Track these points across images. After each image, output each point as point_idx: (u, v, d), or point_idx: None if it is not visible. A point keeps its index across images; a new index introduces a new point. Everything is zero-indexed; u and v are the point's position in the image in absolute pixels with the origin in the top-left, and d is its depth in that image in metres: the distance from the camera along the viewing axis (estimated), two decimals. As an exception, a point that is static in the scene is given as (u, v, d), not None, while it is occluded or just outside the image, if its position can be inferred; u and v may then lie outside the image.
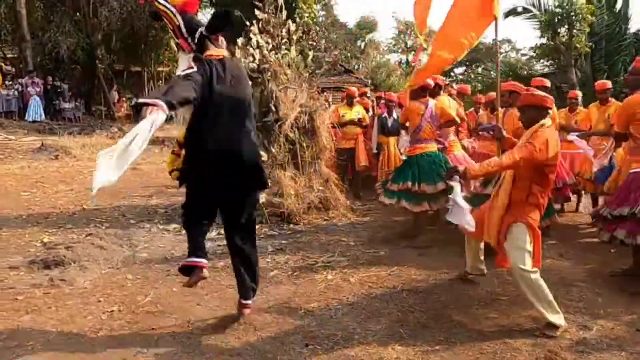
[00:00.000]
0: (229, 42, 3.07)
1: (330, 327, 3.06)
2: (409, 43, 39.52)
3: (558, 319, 3.00)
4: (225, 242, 3.45)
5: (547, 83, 5.43)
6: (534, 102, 3.22)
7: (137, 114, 2.81)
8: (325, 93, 7.16)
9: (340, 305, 3.42)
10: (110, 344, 2.83)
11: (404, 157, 5.40)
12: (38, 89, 16.46)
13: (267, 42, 5.97)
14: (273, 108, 5.85)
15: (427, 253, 4.65)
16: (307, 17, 18.47)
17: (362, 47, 35.08)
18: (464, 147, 5.60)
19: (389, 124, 6.73)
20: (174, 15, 2.99)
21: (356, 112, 7.10)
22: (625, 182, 3.84)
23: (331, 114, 6.62)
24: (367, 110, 7.41)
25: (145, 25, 19.56)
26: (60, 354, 2.70)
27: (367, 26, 36.62)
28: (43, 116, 16.46)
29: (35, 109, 16.27)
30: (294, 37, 6.22)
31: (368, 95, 8.11)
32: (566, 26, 11.99)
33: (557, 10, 12.45)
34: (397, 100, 6.65)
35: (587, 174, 5.28)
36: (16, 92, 16.51)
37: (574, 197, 5.96)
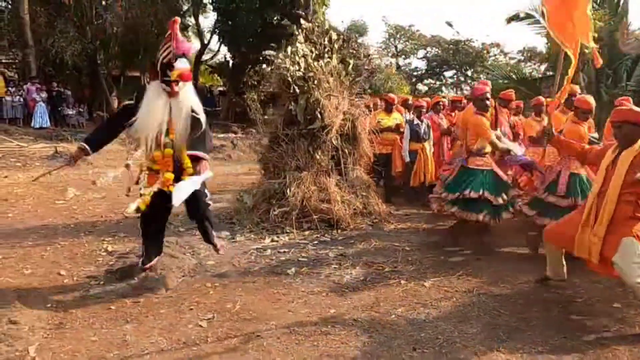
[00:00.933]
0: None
1: (428, 331, 3.16)
2: (399, 47, 39.90)
3: None
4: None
5: None
6: (633, 118, 3.22)
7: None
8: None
9: (427, 309, 3.52)
10: (224, 352, 2.89)
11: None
12: (44, 95, 16.34)
13: (311, 51, 6.07)
14: (319, 115, 5.94)
15: (483, 258, 4.77)
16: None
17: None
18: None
19: (422, 130, 6.86)
20: None
21: (394, 118, 7.21)
22: None
23: (370, 120, 6.74)
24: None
25: (147, 31, 19.52)
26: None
27: (357, 30, 36.88)
28: (48, 122, 16.33)
29: (41, 116, 16.13)
30: (335, 46, 6.33)
31: (410, 102, 8.23)
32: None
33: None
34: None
35: None
36: (21, 99, 16.37)
37: None
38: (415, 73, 39.36)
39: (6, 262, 4.33)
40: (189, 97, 3.59)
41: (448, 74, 41.69)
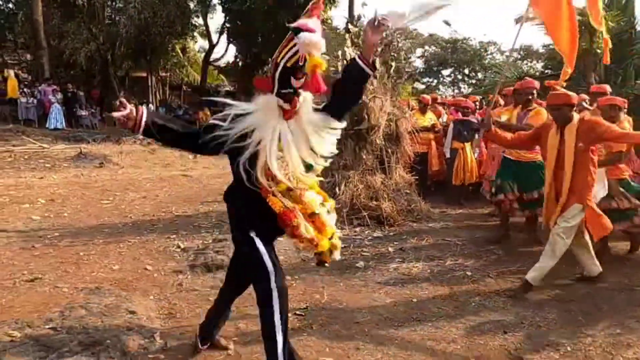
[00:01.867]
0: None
1: (511, 317, 3.42)
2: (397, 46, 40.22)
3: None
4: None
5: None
6: (569, 101, 3.78)
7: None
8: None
9: (502, 298, 3.78)
10: (331, 337, 3.13)
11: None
12: (59, 97, 16.48)
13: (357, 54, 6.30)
14: (365, 116, 6.19)
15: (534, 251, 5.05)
16: (324, 22, 18.90)
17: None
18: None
19: (464, 130, 7.12)
20: None
21: (429, 118, 7.49)
22: None
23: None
24: (438, 117, 7.81)
25: (157, 32, 19.68)
26: (303, 345, 2.99)
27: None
28: (64, 124, 16.47)
29: (57, 117, 16.28)
30: (378, 49, 6.56)
31: (438, 100, 8.56)
32: (587, 33, 12.60)
33: (578, 18, 13.09)
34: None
35: None
36: (34, 100, 16.49)
37: None
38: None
39: (89, 258, 4.55)
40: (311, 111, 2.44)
41: (445, 72, 42.17)
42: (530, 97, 5.09)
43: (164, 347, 2.94)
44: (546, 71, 20.95)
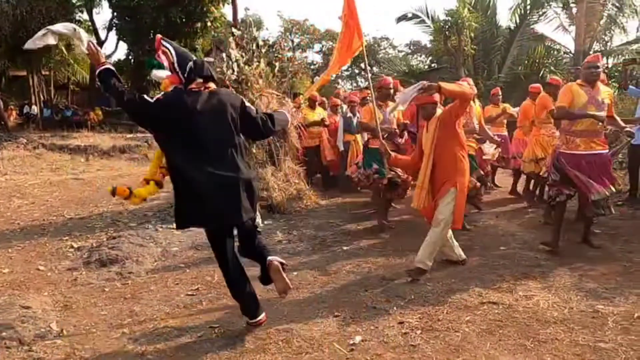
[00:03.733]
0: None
1: (372, 280, 4.11)
2: (296, 41, 41.21)
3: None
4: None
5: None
6: (433, 100, 4.19)
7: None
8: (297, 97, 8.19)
9: (368, 265, 4.47)
10: (219, 309, 3.58)
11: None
12: None
13: (242, 56, 6.74)
14: (253, 114, 6.64)
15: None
16: (217, 19, 18.96)
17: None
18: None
19: (354, 122, 7.78)
20: (171, 53, 3.16)
21: (318, 113, 8.12)
22: None
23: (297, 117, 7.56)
24: (336, 107, 8.63)
25: (38, 28, 18.39)
26: (193, 319, 3.40)
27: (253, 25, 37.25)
28: None
29: None
30: (262, 51, 7.06)
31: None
32: (455, 33, 14.18)
33: (448, 18, 14.65)
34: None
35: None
36: None
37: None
38: (312, 67, 40.89)
39: (-24, 265, 4.53)
40: None
41: (343, 67, 43.85)
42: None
43: (60, 333, 3.18)
44: (432, 65, 23.03)
